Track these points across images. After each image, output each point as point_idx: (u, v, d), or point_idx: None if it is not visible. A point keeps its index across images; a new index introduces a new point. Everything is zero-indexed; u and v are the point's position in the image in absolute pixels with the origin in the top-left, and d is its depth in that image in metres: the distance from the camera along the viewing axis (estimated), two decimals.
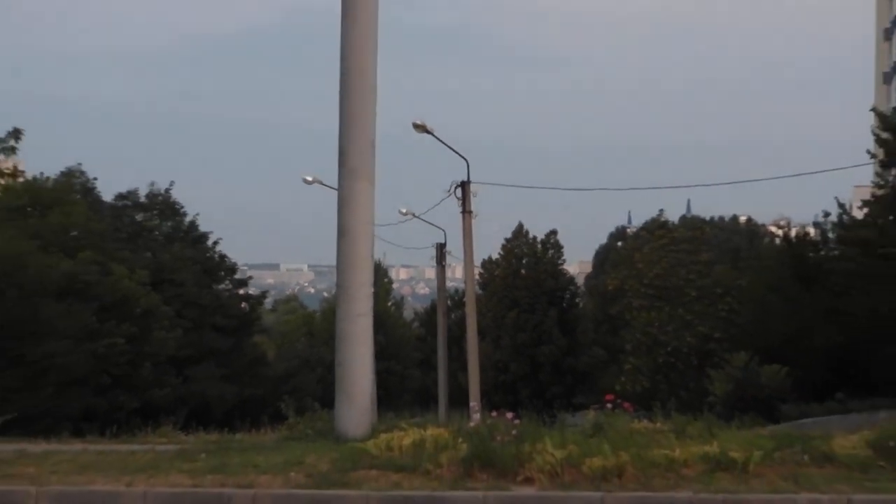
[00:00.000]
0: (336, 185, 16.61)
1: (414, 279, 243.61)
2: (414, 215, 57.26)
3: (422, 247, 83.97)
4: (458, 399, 41.23)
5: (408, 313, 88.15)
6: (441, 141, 41.51)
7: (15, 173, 33.94)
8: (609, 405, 16.47)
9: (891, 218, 40.54)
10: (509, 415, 15.84)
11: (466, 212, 41.37)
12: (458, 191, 41.39)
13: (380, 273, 67.90)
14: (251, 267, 74.10)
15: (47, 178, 58.17)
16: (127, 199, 62.89)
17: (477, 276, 54.05)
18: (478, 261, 56.22)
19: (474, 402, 36.31)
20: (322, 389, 48.86)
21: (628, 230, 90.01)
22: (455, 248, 49.10)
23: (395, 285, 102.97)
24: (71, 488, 13.30)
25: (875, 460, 13.28)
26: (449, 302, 60.78)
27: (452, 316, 63.80)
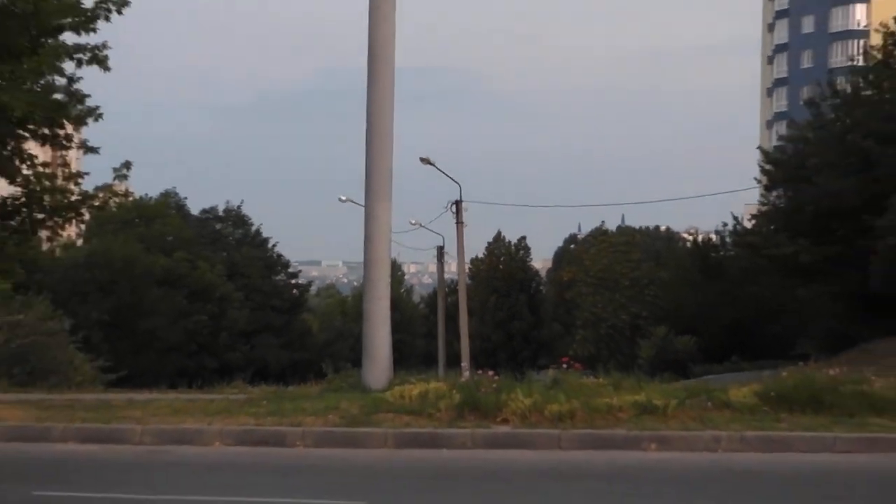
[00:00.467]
0: (363, 204, 16.55)
1: (420, 272, 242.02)
2: (420, 225, 57.19)
3: (426, 248, 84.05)
4: (453, 361, 41.05)
5: (416, 298, 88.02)
6: (440, 170, 41.40)
7: (126, 194, 33.80)
8: (564, 366, 16.43)
9: (772, 228, 40.50)
10: (490, 373, 15.81)
11: (459, 223, 41.34)
12: (453, 207, 41.40)
13: (395, 268, 67.76)
14: (300, 263, 73.76)
15: (150, 197, 58.21)
16: (209, 213, 63.04)
17: (467, 270, 53.82)
18: (468, 258, 56.04)
19: (464, 363, 36.05)
20: (353, 354, 48.69)
21: (578, 236, 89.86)
22: (451, 249, 48.97)
23: (406, 277, 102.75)
24: (167, 426, 13.28)
25: (761, 406, 13.27)
26: (446, 289, 60.66)
27: (449, 300, 63.44)
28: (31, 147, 17.74)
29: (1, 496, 9.75)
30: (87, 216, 20.35)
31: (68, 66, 16.86)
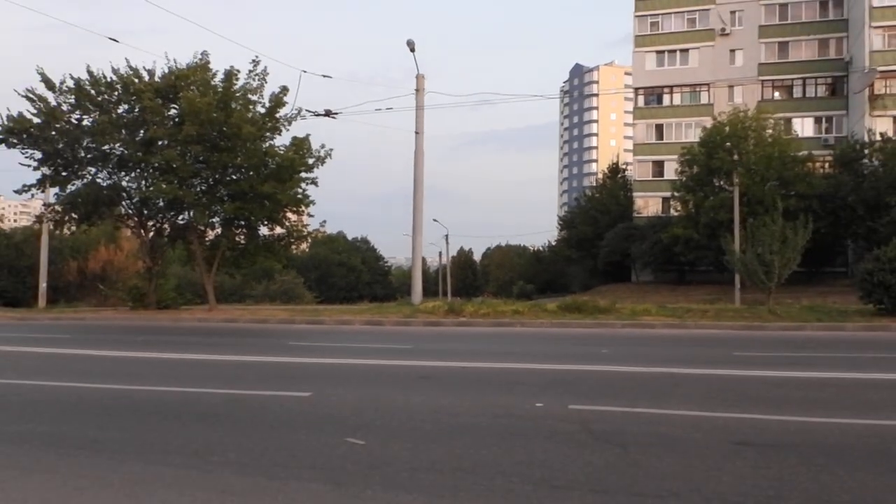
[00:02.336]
0: (412, 235, 16.37)
1: (432, 262, 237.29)
2: (432, 244, 57.22)
3: (436, 252, 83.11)
4: (445, 294, 40.77)
5: (431, 270, 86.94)
6: (441, 224, 41.44)
7: (325, 233, 33.90)
8: (485, 296, 16.32)
9: (563, 244, 40.62)
10: (458, 298, 15.62)
11: (447, 244, 41.21)
12: (446, 237, 41.20)
13: (424, 260, 66.73)
14: (388, 256, 72.93)
15: (333, 233, 57.32)
16: (355, 238, 62.11)
17: (450, 262, 53.38)
18: (450, 256, 55.73)
19: (448, 296, 36.01)
20: (408, 291, 48.26)
21: (491, 247, 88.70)
22: (445, 253, 48.63)
23: (428, 262, 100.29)
24: (338, 317, 13.01)
25: (560, 311, 13.08)
26: (444, 268, 60.24)
27: (444, 272, 63.22)
28: (290, 214, 17.60)
29: (285, 345, 8.91)
30: (310, 241, 20.21)
31: (302, 185, 16.74)
